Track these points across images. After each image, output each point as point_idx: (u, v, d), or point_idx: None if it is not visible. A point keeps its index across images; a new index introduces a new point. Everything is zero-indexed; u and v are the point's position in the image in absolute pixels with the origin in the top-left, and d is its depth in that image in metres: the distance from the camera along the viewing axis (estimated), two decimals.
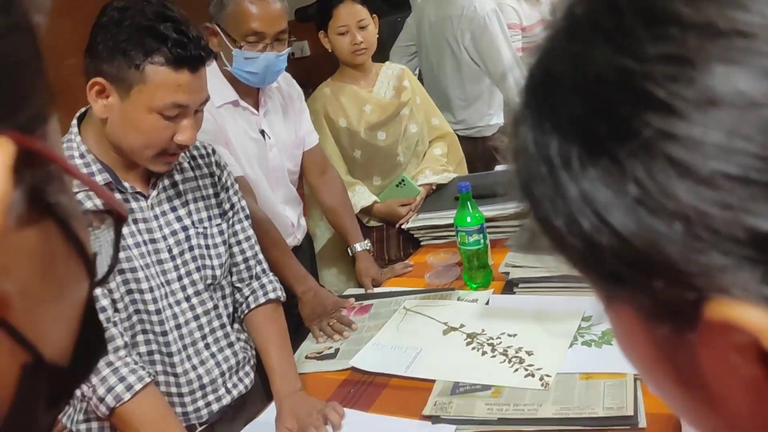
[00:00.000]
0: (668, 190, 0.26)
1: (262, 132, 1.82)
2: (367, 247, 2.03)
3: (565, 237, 0.30)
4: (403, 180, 2.21)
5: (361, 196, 2.16)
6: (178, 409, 1.32)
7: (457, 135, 2.51)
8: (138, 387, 1.21)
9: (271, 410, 1.43)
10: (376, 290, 1.92)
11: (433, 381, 1.42)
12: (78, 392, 1.17)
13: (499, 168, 2.62)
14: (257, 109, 1.80)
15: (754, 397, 0.27)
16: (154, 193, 1.33)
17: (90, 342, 0.33)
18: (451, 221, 1.86)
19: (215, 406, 1.37)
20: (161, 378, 1.32)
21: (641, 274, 0.28)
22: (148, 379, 1.23)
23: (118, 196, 1.26)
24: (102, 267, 0.33)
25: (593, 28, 0.30)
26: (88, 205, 0.42)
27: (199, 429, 1.32)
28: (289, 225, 1.91)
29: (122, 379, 1.21)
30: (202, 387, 1.35)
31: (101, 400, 1.20)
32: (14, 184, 0.26)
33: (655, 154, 0.26)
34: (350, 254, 2.06)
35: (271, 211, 1.78)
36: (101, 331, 0.35)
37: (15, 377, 0.28)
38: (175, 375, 1.32)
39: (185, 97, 1.20)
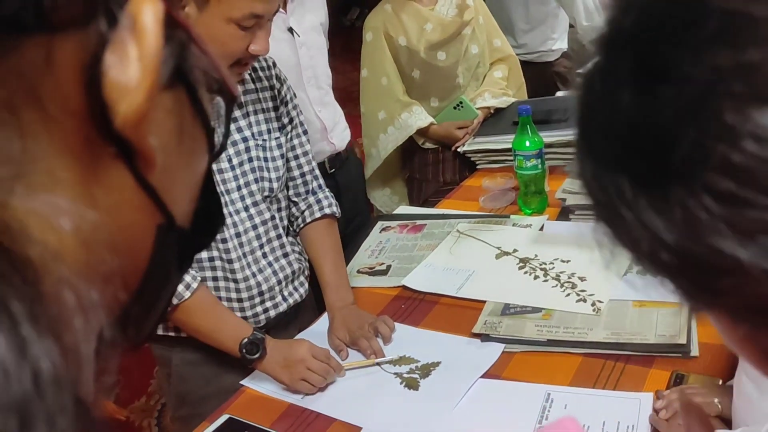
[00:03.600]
0: None
1: (290, 30, 1.77)
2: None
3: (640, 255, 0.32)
4: (461, 102, 2.17)
5: (418, 117, 2.14)
6: (238, 314, 1.37)
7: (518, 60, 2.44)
8: (195, 285, 1.29)
9: (323, 321, 1.48)
10: (429, 211, 1.93)
11: (484, 302, 1.43)
12: None
13: (560, 94, 2.55)
14: (284, 7, 1.75)
15: None
16: None
17: (209, 212, 0.35)
18: (507, 146, 1.83)
19: (272, 313, 1.42)
20: (222, 284, 1.37)
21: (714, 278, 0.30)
22: (199, 278, 1.32)
23: None
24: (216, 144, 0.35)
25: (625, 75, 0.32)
26: None
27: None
28: (320, 129, 1.88)
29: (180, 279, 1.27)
30: (261, 294, 1.39)
31: None
32: (164, 42, 0.26)
33: None
34: None
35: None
36: (219, 203, 0.37)
37: (152, 236, 0.30)
38: (236, 281, 1.36)
39: (262, 7, 1.20)
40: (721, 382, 1.07)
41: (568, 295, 1.39)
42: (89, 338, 0.24)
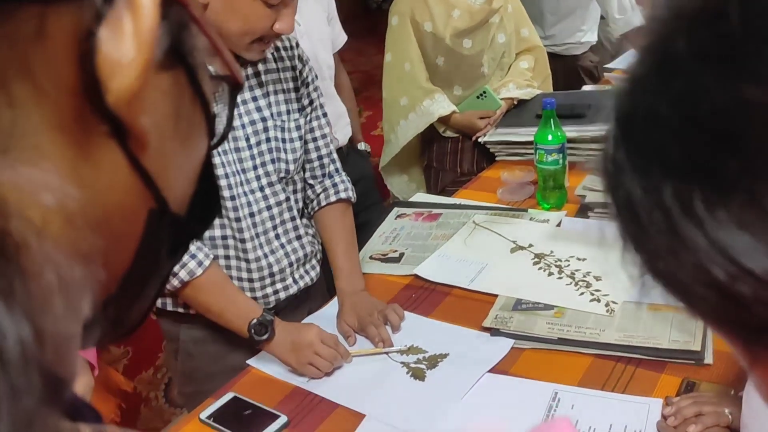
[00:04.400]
0: None
1: None
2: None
3: (693, 289, 0.27)
4: (484, 92, 2.14)
5: (440, 105, 2.12)
6: (248, 294, 1.37)
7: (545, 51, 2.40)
8: (207, 263, 1.29)
9: (333, 305, 1.47)
10: (446, 200, 1.91)
11: (496, 295, 1.42)
12: None
13: (586, 88, 2.51)
14: None
15: None
16: None
17: (206, 199, 0.34)
18: (529, 138, 1.81)
19: (282, 294, 1.41)
20: (233, 263, 1.36)
21: None
22: (211, 256, 1.31)
23: None
24: (218, 131, 0.34)
25: (701, 58, 0.27)
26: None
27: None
28: None
29: (193, 256, 1.27)
30: (272, 275, 1.39)
31: (174, 274, 1.26)
32: (160, 19, 0.26)
33: None
34: None
35: None
36: (216, 191, 0.36)
37: (143, 220, 0.29)
38: (247, 261, 1.36)
39: None
40: (733, 393, 1.05)
41: (582, 294, 1.37)
42: (71, 318, 0.24)
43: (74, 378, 0.25)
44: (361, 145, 2.17)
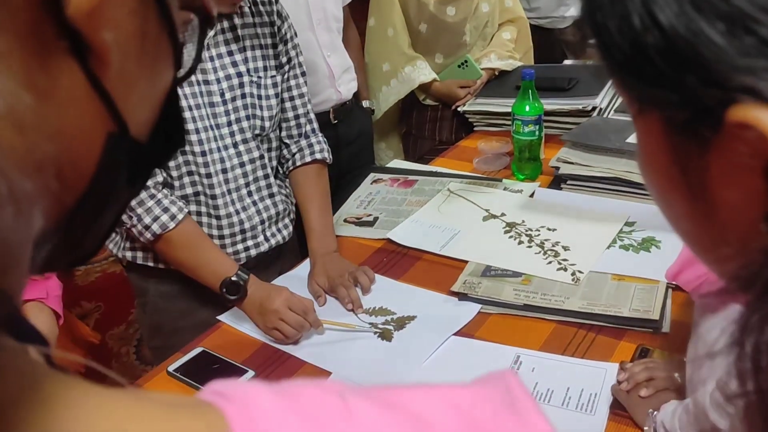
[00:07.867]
0: None
1: None
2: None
3: (615, 38, 0.32)
4: (466, 61, 2.14)
5: (421, 72, 2.11)
6: None
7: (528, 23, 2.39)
8: (180, 217, 1.28)
9: (305, 266, 1.48)
10: (422, 168, 1.92)
11: (466, 262, 1.44)
12: (123, 219, 1.23)
13: (568, 62, 2.51)
14: None
15: (748, 208, 0.30)
16: (211, 33, 1.31)
17: (169, 130, 0.33)
18: (508, 110, 1.81)
19: (253, 252, 1.42)
20: (204, 219, 1.36)
21: (678, 71, 0.30)
22: (186, 210, 1.31)
23: None
24: (186, 64, 0.33)
25: None
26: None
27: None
28: (328, 75, 1.86)
29: (166, 209, 1.27)
30: (243, 231, 1.39)
31: (147, 228, 1.26)
32: None
33: None
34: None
35: (309, 56, 1.71)
36: (181, 123, 0.36)
37: (101, 143, 0.28)
38: (218, 217, 1.36)
39: None
40: (685, 359, 1.08)
41: (550, 262, 1.39)
42: (20, 230, 0.23)
43: (19, 294, 0.25)
44: (366, 102, 2.15)
